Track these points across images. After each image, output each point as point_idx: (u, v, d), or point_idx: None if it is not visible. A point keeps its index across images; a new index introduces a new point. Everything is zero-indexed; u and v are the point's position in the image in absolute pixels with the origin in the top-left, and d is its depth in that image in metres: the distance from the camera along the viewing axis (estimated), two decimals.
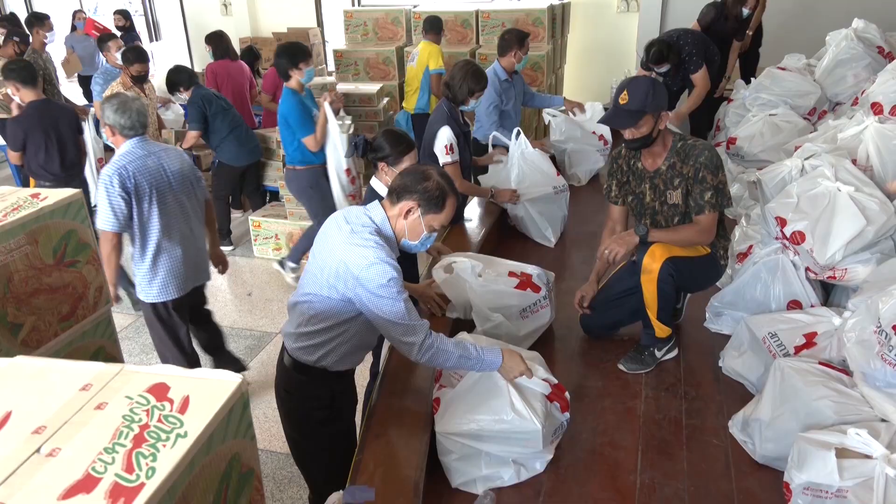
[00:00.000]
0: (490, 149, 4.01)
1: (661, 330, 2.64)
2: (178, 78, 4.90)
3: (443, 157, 3.32)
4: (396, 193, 1.99)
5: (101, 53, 6.02)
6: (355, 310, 1.96)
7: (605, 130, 4.74)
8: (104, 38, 5.73)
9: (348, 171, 4.14)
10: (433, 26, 5.42)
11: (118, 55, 5.34)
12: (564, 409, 2.21)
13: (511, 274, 2.74)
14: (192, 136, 5.04)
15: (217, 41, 5.83)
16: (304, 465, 2.35)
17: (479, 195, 3.80)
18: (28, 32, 5.86)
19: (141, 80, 4.86)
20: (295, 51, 4.01)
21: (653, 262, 2.51)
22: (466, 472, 2.12)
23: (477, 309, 2.64)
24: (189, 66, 5.47)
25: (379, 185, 2.69)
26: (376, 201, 2.05)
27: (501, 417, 2.06)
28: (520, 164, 3.70)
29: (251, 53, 6.42)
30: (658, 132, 2.51)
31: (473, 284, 2.64)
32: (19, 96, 4.13)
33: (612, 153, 2.81)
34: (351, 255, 1.88)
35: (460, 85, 3.37)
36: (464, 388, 2.13)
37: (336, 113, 4.07)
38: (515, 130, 3.76)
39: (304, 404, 2.16)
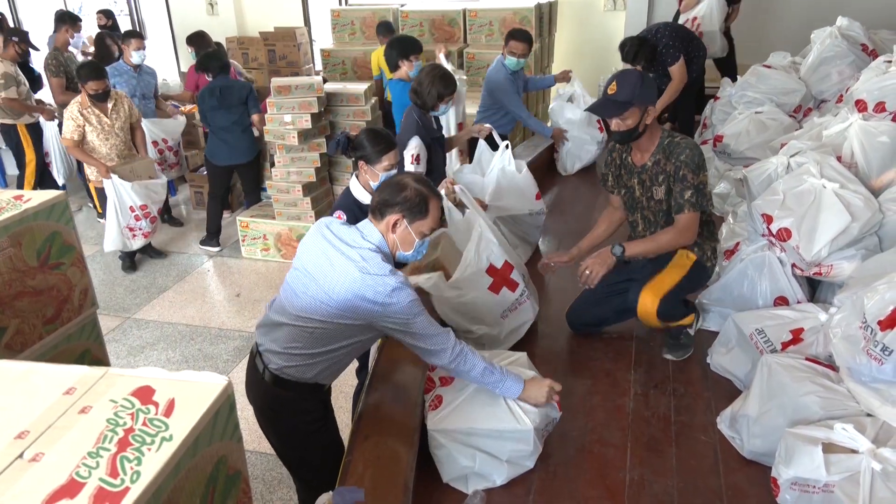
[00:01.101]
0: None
1: (688, 320, 2.69)
2: (206, 64, 5.04)
3: (406, 167, 3.27)
4: (378, 210, 1.99)
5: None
6: (369, 332, 1.97)
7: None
8: (128, 34, 5.57)
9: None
10: (388, 30, 5.61)
11: (134, 55, 5.28)
12: (559, 406, 2.22)
13: (490, 269, 2.70)
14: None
15: (199, 42, 5.78)
16: (294, 470, 2.31)
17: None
18: (8, 31, 5.76)
19: (99, 97, 4.51)
20: (408, 44, 4.12)
21: (647, 308, 2.54)
22: (458, 468, 2.12)
23: (454, 323, 2.64)
24: (221, 53, 5.35)
25: (356, 186, 2.64)
26: (366, 220, 2.03)
27: (496, 415, 2.07)
28: (499, 179, 3.47)
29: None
30: (644, 127, 2.51)
31: (446, 300, 2.63)
32: None
33: (608, 145, 2.80)
34: (369, 285, 1.86)
35: (429, 90, 3.29)
36: (470, 390, 2.14)
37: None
38: (504, 143, 3.53)
39: (295, 419, 2.10)
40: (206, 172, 5.43)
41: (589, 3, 6.93)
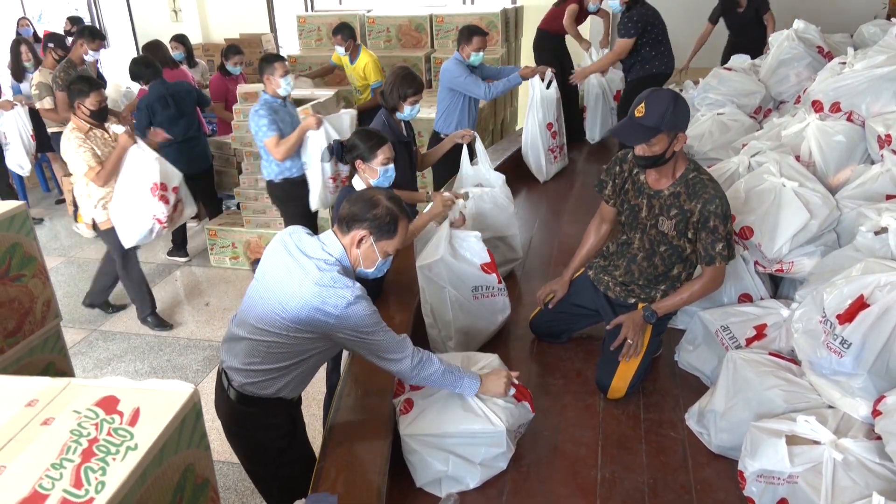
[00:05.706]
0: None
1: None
2: (137, 72, 4.74)
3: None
4: (346, 222, 1.92)
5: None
6: (326, 343, 1.92)
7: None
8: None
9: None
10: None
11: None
12: (531, 407, 2.24)
13: (490, 253, 2.76)
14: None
15: (153, 51, 5.63)
16: (265, 488, 2.25)
17: (415, 200, 3.40)
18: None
19: (101, 116, 3.83)
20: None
21: (618, 393, 2.50)
22: (431, 472, 2.12)
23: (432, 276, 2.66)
24: (152, 60, 4.91)
25: (359, 184, 2.70)
26: (329, 231, 1.98)
27: (468, 417, 2.07)
28: (478, 203, 3.19)
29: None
30: (673, 153, 2.33)
31: (446, 258, 2.64)
32: None
33: (619, 153, 2.62)
34: (324, 298, 1.81)
35: (391, 90, 3.25)
36: (440, 394, 2.14)
37: None
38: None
39: (262, 436, 2.06)
40: None
41: None
